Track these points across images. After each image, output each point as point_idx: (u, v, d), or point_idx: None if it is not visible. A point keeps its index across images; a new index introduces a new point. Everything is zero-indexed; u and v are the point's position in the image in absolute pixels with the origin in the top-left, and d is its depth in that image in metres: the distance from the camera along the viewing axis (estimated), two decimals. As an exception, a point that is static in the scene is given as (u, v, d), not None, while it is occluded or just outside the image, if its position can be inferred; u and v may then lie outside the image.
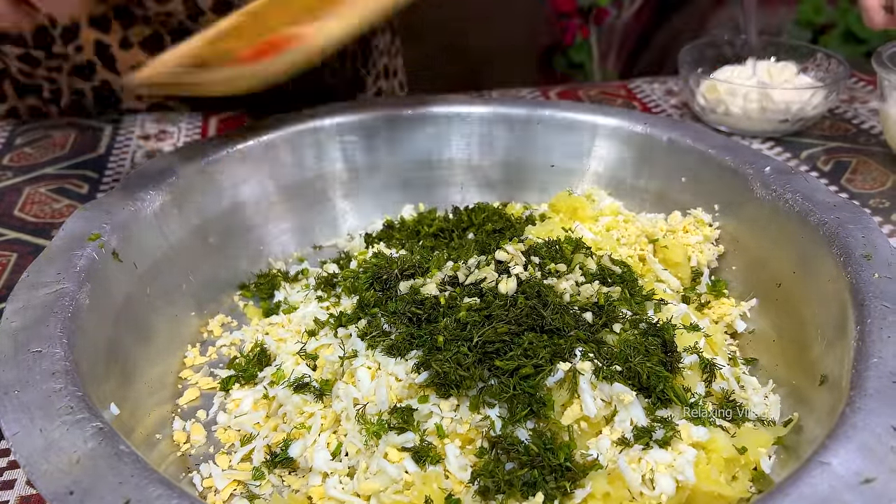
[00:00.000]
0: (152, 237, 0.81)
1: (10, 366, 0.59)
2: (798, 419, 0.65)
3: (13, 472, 0.71)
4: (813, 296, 0.73)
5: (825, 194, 0.79)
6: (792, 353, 0.74)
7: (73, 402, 0.56)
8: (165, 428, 0.73)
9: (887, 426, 0.52)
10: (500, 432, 0.62)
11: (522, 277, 0.73)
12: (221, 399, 0.77)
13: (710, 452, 0.62)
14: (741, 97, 1.23)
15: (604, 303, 0.72)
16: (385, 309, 0.74)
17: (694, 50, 1.36)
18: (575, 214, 0.94)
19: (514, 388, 0.62)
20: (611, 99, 1.46)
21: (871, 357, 0.58)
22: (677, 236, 0.89)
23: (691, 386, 0.68)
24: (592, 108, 1.03)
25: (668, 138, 0.95)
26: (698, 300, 0.86)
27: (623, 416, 0.63)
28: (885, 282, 0.65)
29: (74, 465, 0.51)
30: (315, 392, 0.71)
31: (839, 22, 2.17)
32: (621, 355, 0.66)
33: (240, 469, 0.69)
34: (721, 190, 0.89)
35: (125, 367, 0.71)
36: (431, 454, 0.63)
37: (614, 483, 0.59)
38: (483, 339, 0.65)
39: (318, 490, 0.64)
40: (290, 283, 0.93)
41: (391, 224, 0.99)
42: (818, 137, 1.27)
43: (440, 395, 0.65)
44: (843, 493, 0.48)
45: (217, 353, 0.84)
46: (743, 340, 0.82)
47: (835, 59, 1.29)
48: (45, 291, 0.66)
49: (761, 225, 0.83)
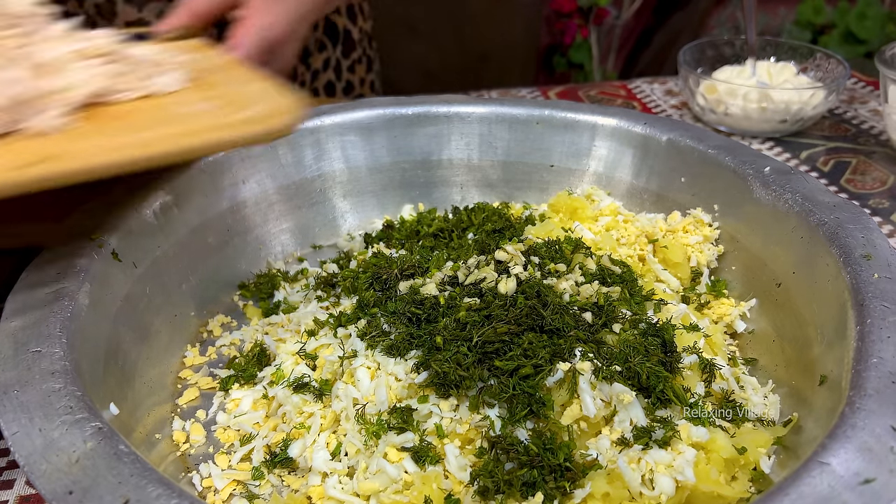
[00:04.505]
0: (152, 237, 0.81)
1: (10, 365, 0.59)
2: (798, 419, 0.65)
3: (13, 472, 0.71)
4: (813, 296, 0.73)
5: (825, 194, 0.79)
6: (792, 353, 0.74)
7: (72, 401, 0.56)
8: (165, 428, 0.73)
9: (887, 426, 0.52)
10: (500, 432, 0.62)
11: (522, 277, 0.73)
12: (221, 399, 0.77)
13: (709, 452, 0.62)
14: (741, 97, 1.23)
15: (603, 303, 0.72)
16: (385, 309, 0.74)
17: (694, 50, 1.36)
18: (575, 214, 0.94)
19: (513, 388, 0.62)
20: (611, 99, 1.46)
21: (871, 357, 0.58)
22: (677, 236, 0.89)
23: (691, 386, 0.68)
24: (592, 108, 1.03)
25: (668, 138, 0.95)
26: (698, 300, 0.86)
27: (623, 416, 0.63)
28: (885, 282, 0.65)
29: (74, 464, 0.51)
30: (314, 392, 0.71)
31: (839, 22, 2.17)
32: (621, 355, 0.66)
33: (239, 469, 0.69)
34: (721, 190, 0.89)
35: (125, 367, 0.71)
36: (431, 454, 0.63)
37: (614, 483, 0.59)
38: (483, 339, 0.65)
39: (317, 490, 0.64)
40: (289, 282, 0.93)
41: (391, 224, 0.99)
42: (818, 137, 1.27)
43: (440, 395, 0.65)
44: (842, 493, 0.48)
45: (217, 352, 0.84)
46: (743, 340, 0.82)
47: (834, 60, 1.29)
48: (44, 291, 0.66)
49: (761, 225, 0.83)
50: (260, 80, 0.81)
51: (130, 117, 0.73)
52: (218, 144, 0.71)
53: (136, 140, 0.68)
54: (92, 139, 0.68)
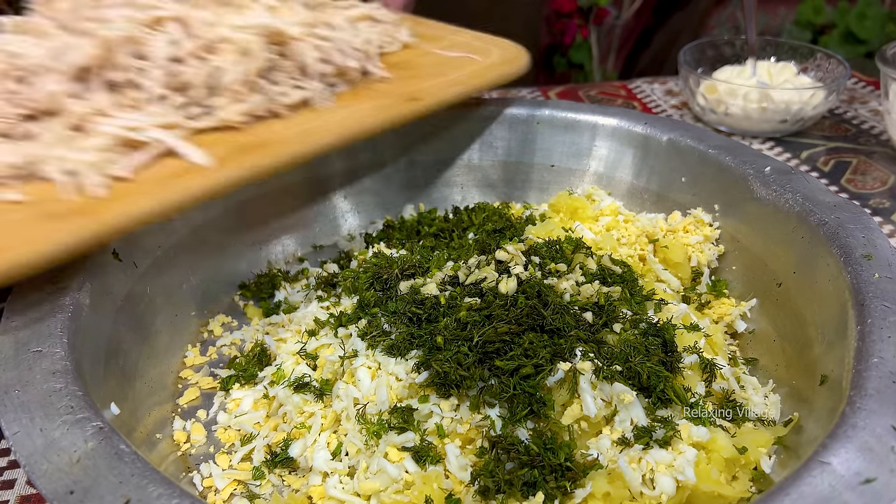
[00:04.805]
0: (152, 237, 0.81)
1: (11, 365, 0.59)
2: (798, 419, 0.65)
3: (13, 472, 0.71)
4: (813, 296, 0.73)
5: (825, 194, 0.79)
6: (792, 352, 0.74)
7: (73, 401, 0.56)
8: (166, 427, 0.73)
9: (887, 426, 0.52)
10: (501, 432, 0.62)
11: (523, 277, 0.73)
12: (221, 399, 0.77)
13: (710, 452, 0.62)
14: (741, 97, 1.23)
15: (604, 302, 0.72)
16: (385, 309, 0.74)
17: (694, 50, 1.36)
18: (575, 214, 0.94)
19: (514, 387, 0.62)
20: (611, 99, 1.46)
21: (872, 357, 0.58)
22: (677, 236, 0.89)
23: (691, 386, 0.68)
24: (592, 108, 1.03)
25: (668, 138, 0.95)
26: (698, 300, 0.86)
27: (623, 416, 0.63)
28: (886, 282, 0.65)
29: (74, 464, 0.51)
30: (315, 392, 0.71)
31: (839, 22, 2.17)
32: (621, 355, 0.66)
33: (240, 469, 0.69)
34: (721, 190, 0.89)
35: (126, 367, 0.71)
36: (431, 454, 0.63)
37: (614, 483, 0.59)
38: (483, 339, 0.65)
39: (318, 490, 0.64)
40: (290, 282, 0.93)
41: (391, 224, 0.99)
42: (818, 137, 1.27)
43: (440, 394, 0.65)
44: (843, 492, 0.48)
45: (217, 352, 0.84)
46: (743, 340, 0.82)
47: (835, 60, 1.29)
48: (45, 291, 0.66)
49: (761, 225, 0.83)
50: (458, 30, 1.05)
51: (413, 68, 0.94)
52: (488, 83, 0.93)
53: (444, 82, 0.90)
54: (419, 82, 0.90)
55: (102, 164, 0.68)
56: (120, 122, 0.71)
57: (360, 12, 0.98)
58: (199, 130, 0.75)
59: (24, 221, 0.62)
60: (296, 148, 0.75)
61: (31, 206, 0.64)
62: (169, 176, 0.69)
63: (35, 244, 0.60)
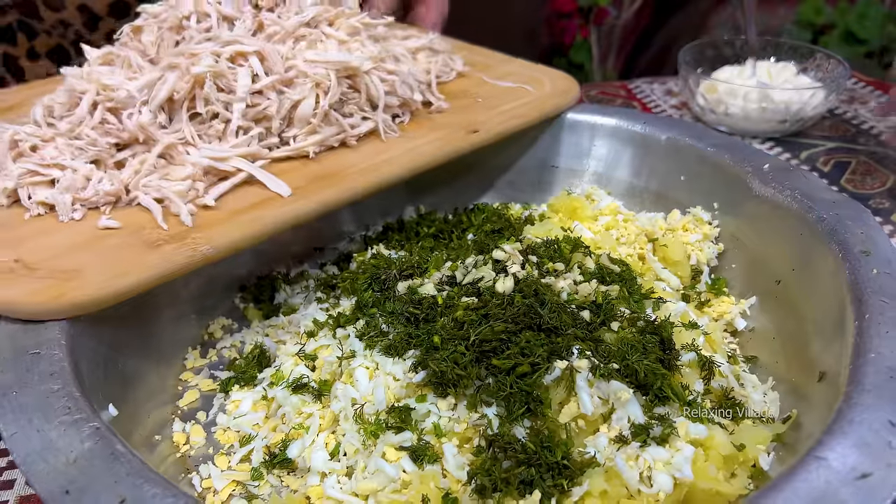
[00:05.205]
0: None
1: (9, 367, 0.59)
2: (797, 416, 0.65)
3: (13, 472, 0.71)
4: (812, 292, 0.72)
5: (824, 191, 0.78)
6: (791, 349, 0.73)
7: (70, 402, 0.56)
8: (165, 429, 0.73)
9: (884, 421, 0.52)
10: (498, 431, 0.62)
11: (520, 276, 0.73)
12: (221, 400, 0.77)
13: (708, 450, 0.62)
14: (741, 97, 1.23)
15: (602, 301, 0.72)
16: (383, 309, 0.74)
17: (694, 50, 1.36)
18: (574, 214, 0.94)
19: (511, 386, 0.62)
20: (610, 99, 1.46)
21: (869, 352, 0.58)
22: (677, 235, 0.89)
23: (690, 383, 0.68)
24: (592, 108, 1.03)
25: (667, 137, 0.95)
26: (698, 298, 0.86)
27: (620, 414, 0.63)
28: (884, 278, 0.65)
29: (71, 464, 0.51)
30: (313, 392, 0.71)
31: (839, 22, 2.16)
32: (619, 353, 0.66)
33: (239, 470, 0.69)
34: (720, 188, 0.89)
35: (125, 370, 0.71)
36: (429, 453, 0.63)
37: (612, 481, 0.59)
38: (480, 338, 0.65)
39: (316, 490, 0.64)
40: (289, 284, 0.93)
41: (390, 225, 0.99)
42: (818, 138, 1.27)
43: (438, 394, 0.65)
44: (839, 488, 0.48)
45: (217, 354, 0.84)
46: (743, 338, 0.82)
47: (834, 60, 1.29)
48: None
49: (761, 222, 0.83)
50: (506, 59, 1.09)
51: (470, 97, 0.97)
52: (544, 115, 0.96)
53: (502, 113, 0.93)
54: (477, 113, 0.94)
55: (190, 192, 0.73)
56: (207, 153, 0.76)
57: (421, 43, 1.04)
58: (275, 160, 0.81)
59: (124, 247, 0.68)
60: (368, 180, 0.80)
61: (126, 232, 0.70)
62: (249, 206, 0.74)
63: (143, 270, 0.65)
